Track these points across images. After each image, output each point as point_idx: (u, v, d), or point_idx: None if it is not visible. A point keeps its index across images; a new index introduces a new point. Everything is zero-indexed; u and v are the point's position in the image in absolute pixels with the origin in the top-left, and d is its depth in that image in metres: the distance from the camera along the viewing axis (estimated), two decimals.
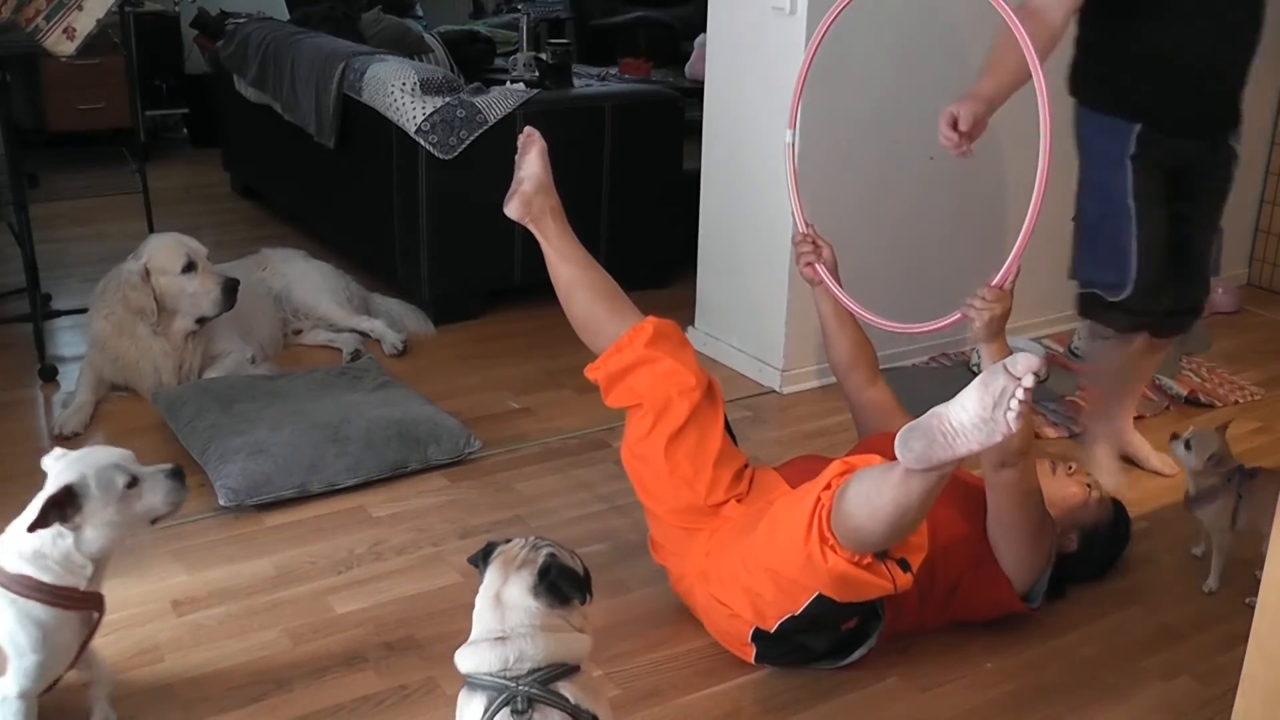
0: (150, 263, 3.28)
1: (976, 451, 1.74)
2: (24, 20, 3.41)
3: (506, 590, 1.67)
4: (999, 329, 2.19)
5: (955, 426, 1.73)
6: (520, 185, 2.44)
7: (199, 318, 3.35)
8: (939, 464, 1.77)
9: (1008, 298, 2.18)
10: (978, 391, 1.72)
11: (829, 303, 2.57)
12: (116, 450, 1.99)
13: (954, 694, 2.22)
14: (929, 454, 1.76)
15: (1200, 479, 2.58)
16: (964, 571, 2.30)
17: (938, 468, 1.78)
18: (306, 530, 2.71)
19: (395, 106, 3.80)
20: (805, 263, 2.53)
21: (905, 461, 1.78)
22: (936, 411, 1.77)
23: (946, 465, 1.78)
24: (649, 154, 4.22)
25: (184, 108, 6.53)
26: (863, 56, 3.33)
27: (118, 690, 2.10)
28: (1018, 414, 1.68)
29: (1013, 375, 1.69)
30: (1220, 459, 2.57)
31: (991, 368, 1.73)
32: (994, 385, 1.70)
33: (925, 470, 1.79)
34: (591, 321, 2.43)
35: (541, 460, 3.08)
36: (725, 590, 2.18)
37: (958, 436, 1.73)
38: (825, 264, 2.52)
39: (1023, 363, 1.69)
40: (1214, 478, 2.55)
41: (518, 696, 1.59)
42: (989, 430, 1.71)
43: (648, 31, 6.88)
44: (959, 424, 1.73)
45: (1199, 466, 2.56)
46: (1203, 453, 2.56)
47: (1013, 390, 1.68)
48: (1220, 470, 2.55)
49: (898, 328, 2.38)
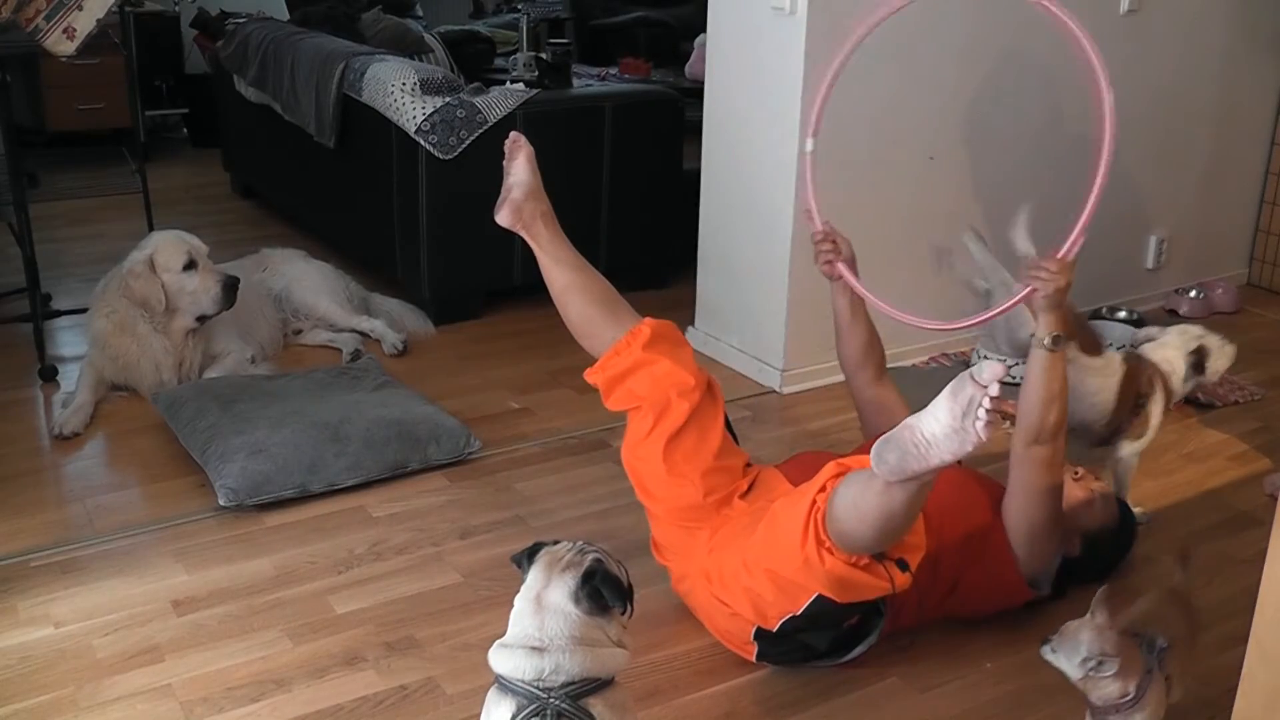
0: (154, 256, 3.30)
1: (950, 462, 1.75)
2: (24, 20, 3.41)
3: (548, 593, 1.65)
4: (1061, 300, 2.20)
5: (927, 437, 1.74)
6: (510, 192, 2.43)
7: (199, 315, 3.36)
8: (914, 475, 1.78)
9: (1070, 270, 2.19)
10: (947, 402, 1.73)
11: (845, 298, 2.57)
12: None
13: (954, 694, 2.22)
14: (903, 466, 1.77)
15: (1094, 687, 1.86)
16: (967, 567, 2.30)
17: (914, 478, 1.79)
18: (306, 530, 2.71)
19: (395, 106, 3.80)
20: (825, 260, 2.53)
21: (880, 474, 1.80)
22: (908, 423, 1.78)
23: (923, 475, 1.78)
24: (649, 154, 4.22)
25: (184, 108, 6.53)
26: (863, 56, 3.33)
27: (117, 690, 2.11)
28: (986, 422, 1.69)
29: (979, 384, 1.69)
30: (1102, 655, 1.82)
31: (959, 377, 1.74)
32: (962, 395, 1.71)
33: (902, 481, 1.79)
34: (588, 326, 2.42)
35: (541, 460, 3.08)
36: (727, 590, 2.18)
37: (930, 447, 1.74)
38: (845, 260, 2.52)
39: (988, 371, 1.69)
40: (1112, 684, 1.85)
41: (547, 709, 1.59)
42: (960, 440, 1.71)
43: (648, 31, 6.88)
44: (931, 435, 1.74)
45: (1078, 673, 1.86)
46: (1073, 656, 1.85)
47: (979, 399, 1.69)
48: (1104, 664, 1.83)
49: (924, 324, 2.38)
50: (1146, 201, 4.21)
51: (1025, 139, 3.75)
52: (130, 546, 2.63)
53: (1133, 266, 4.29)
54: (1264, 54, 4.32)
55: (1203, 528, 2.84)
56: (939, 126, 3.59)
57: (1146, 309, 4.19)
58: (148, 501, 2.84)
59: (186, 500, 2.83)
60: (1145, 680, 1.86)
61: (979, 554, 2.31)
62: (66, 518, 2.75)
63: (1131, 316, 4.03)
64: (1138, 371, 2.76)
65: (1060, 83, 3.65)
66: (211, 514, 2.76)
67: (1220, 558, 2.69)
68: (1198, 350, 2.81)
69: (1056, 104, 3.71)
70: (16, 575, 2.49)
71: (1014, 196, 3.76)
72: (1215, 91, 4.21)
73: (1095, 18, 3.74)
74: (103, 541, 2.64)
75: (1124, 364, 2.74)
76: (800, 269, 3.33)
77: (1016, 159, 3.76)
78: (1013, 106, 3.71)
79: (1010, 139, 3.74)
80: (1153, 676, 1.87)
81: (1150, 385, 2.77)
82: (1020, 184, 3.75)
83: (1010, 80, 3.65)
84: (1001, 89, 3.65)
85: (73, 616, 2.36)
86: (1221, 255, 4.51)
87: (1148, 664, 1.88)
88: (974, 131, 3.66)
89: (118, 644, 2.27)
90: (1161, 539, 2.77)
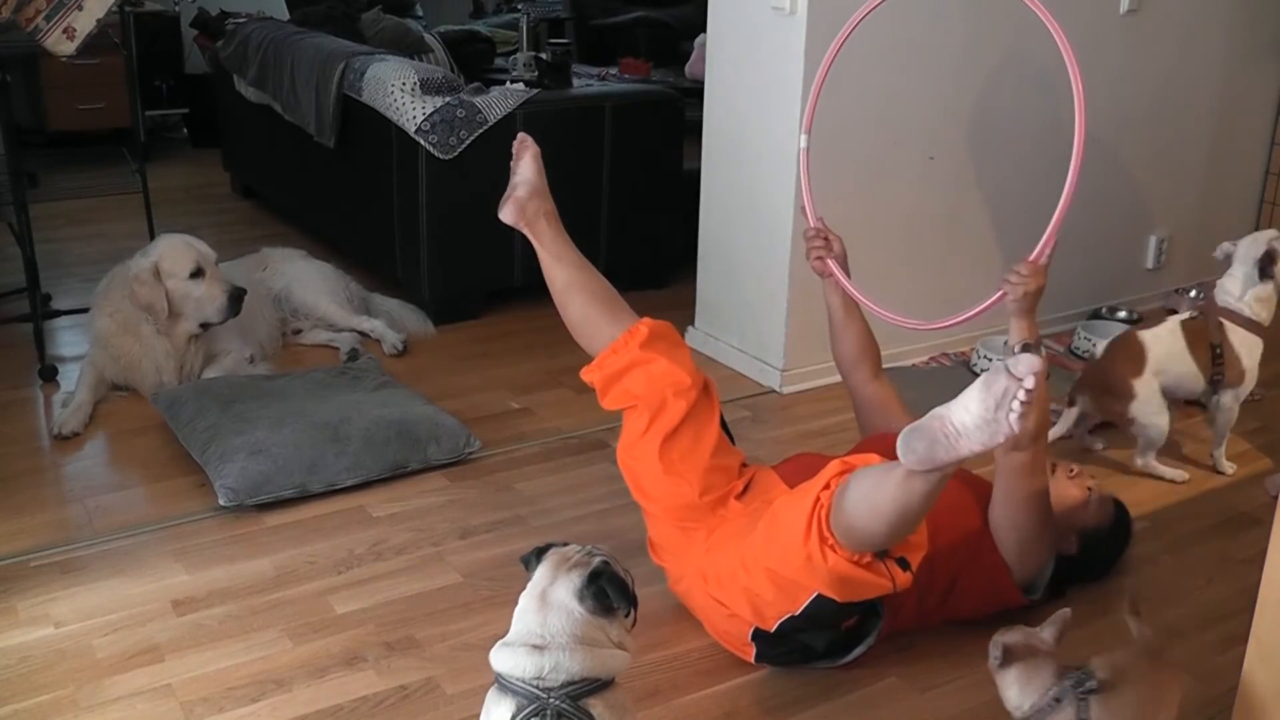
0: (160, 263, 3.30)
1: (979, 452, 1.74)
2: (24, 20, 3.41)
3: (553, 590, 1.66)
4: (1031, 306, 2.19)
5: (958, 427, 1.73)
6: (514, 190, 2.44)
7: (203, 323, 3.36)
8: (941, 465, 1.77)
9: (1042, 274, 2.18)
10: (980, 392, 1.72)
11: (838, 296, 2.57)
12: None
13: (954, 694, 2.22)
14: (932, 455, 1.76)
15: (1000, 682, 1.87)
16: (963, 568, 2.30)
17: (940, 468, 1.78)
18: (306, 530, 2.71)
19: (395, 106, 3.80)
20: (816, 256, 2.53)
21: (908, 463, 1.78)
22: (938, 413, 1.77)
23: (949, 466, 1.78)
24: (649, 154, 4.22)
25: (184, 108, 6.53)
26: (863, 56, 3.33)
27: (117, 690, 2.11)
28: (1020, 415, 1.68)
29: (1014, 376, 1.68)
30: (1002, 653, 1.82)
31: (993, 368, 1.73)
32: (996, 386, 1.70)
33: (928, 471, 1.79)
34: (587, 325, 2.43)
35: (541, 460, 3.08)
36: (724, 590, 2.18)
37: (960, 437, 1.73)
38: (836, 258, 2.52)
39: (1024, 364, 1.68)
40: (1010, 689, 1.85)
41: (547, 709, 1.59)
42: (992, 431, 1.71)
43: (648, 31, 6.88)
44: (961, 425, 1.73)
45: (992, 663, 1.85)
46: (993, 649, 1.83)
47: (1015, 391, 1.68)
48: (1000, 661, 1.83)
49: (907, 323, 2.38)
50: (1146, 201, 4.22)
51: (1025, 139, 3.75)
52: (130, 546, 2.63)
53: (1133, 266, 4.30)
54: (1264, 54, 4.32)
55: (1203, 528, 2.84)
56: (939, 126, 3.59)
57: (1146, 309, 4.19)
58: (148, 501, 2.84)
59: (186, 500, 2.83)
60: (1046, 709, 1.79)
61: (973, 558, 2.31)
62: (66, 518, 2.75)
63: (1131, 316, 4.03)
64: (1198, 325, 2.98)
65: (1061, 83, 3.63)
66: (211, 514, 2.76)
67: (1220, 558, 2.70)
68: (1268, 253, 2.94)
69: (1056, 104, 3.71)
70: (16, 575, 2.50)
71: (1014, 196, 3.77)
72: (1215, 91, 4.21)
73: (1095, 18, 3.77)
74: (103, 541, 2.64)
75: (1180, 326, 3.00)
76: (800, 269, 3.33)
77: (1016, 159, 3.76)
78: (1013, 107, 3.71)
79: (1010, 139, 3.74)
80: (1060, 708, 1.78)
81: (1218, 332, 2.96)
82: (1020, 184, 3.76)
83: (1010, 80, 3.65)
84: (1002, 89, 3.65)
85: (73, 616, 2.36)
86: None
87: (1058, 693, 1.79)
88: (974, 131, 3.66)
89: (118, 644, 2.27)
90: (1162, 539, 2.78)
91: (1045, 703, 1.79)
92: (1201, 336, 2.97)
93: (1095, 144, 3.89)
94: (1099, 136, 3.86)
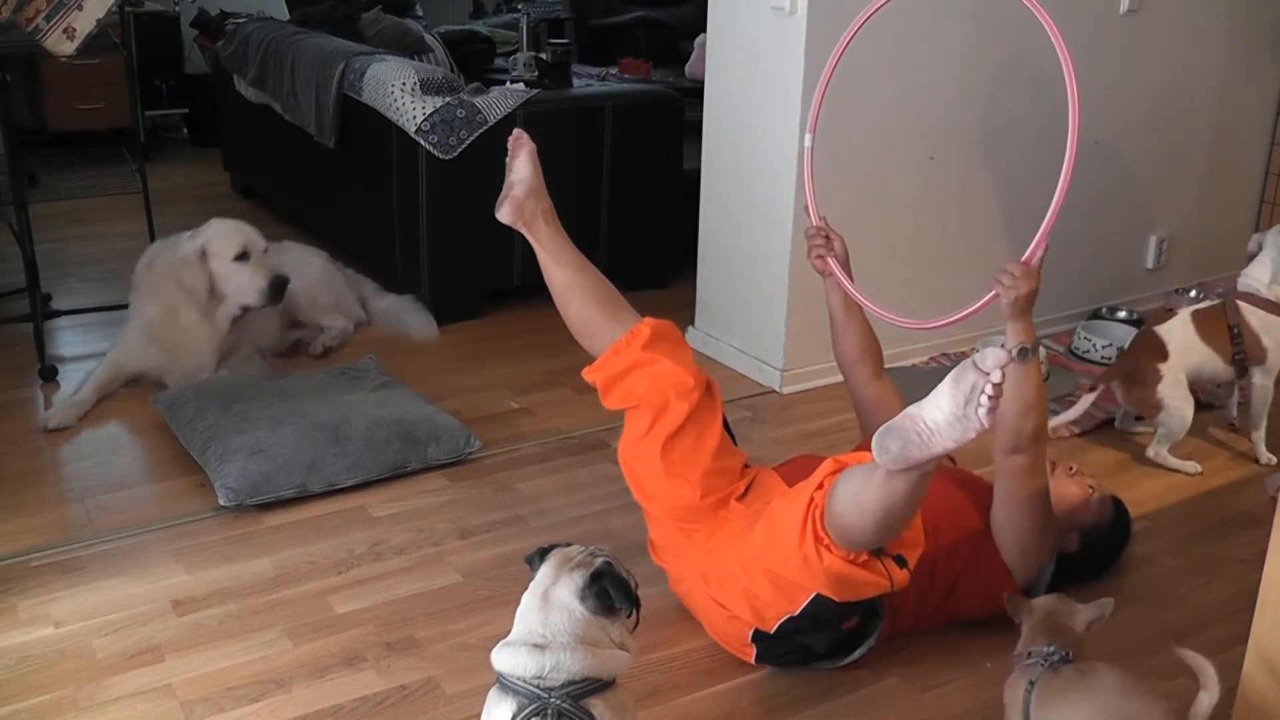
0: (207, 244, 3.34)
1: (952, 449, 1.74)
2: (24, 20, 3.41)
3: (555, 589, 1.66)
4: (1025, 307, 2.16)
5: (930, 425, 1.74)
6: (511, 190, 2.43)
7: (243, 305, 3.39)
8: (917, 463, 1.77)
9: (1034, 276, 2.15)
10: (949, 389, 1.72)
11: (839, 295, 2.57)
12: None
13: (954, 694, 2.22)
14: (905, 454, 1.76)
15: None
16: (964, 570, 2.30)
17: (917, 467, 1.79)
18: (306, 530, 2.71)
19: (395, 106, 3.80)
20: (817, 255, 2.53)
21: (883, 463, 1.79)
22: (910, 412, 1.77)
23: (925, 464, 1.78)
24: (649, 154, 4.22)
25: (184, 108, 6.53)
26: (863, 56, 3.33)
27: (117, 690, 2.11)
28: (989, 409, 1.69)
29: (981, 371, 1.69)
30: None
31: (962, 364, 1.73)
32: (964, 382, 1.70)
33: (904, 470, 1.79)
34: (588, 325, 2.42)
35: (541, 460, 3.08)
36: (724, 592, 2.18)
37: (933, 435, 1.73)
38: (836, 257, 2.52)
39: (991, 358, 1.68)
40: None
41: (548, 709, 1.59)
42: (963, 427, 1.71)
43: (648, 31, 6.89)
44: (933, 423, 1.73)
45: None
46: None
47: (983, 386, 1.68)
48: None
49: (905, 323, 2.38)
50: (1146, 201, 4.22)
51: (1027, 139, 3.75)
52: (130, 546, 2.63)
53: (1133, 266, 4.29)
54: (1264, 54, 4.32)
55: (1203, 528, 2.84)
56: (940, 127, 3.59)
57: (1146, 309, 4.19)
58: (148, 501, 2.84)
59: (186, 500, 2.83)
60: (1015, 660, 1.94)
61: (974, 560, 2.31)
62: (66, 518, 2.75)
63: (1131, 316, 4.03)
64: (1207, 313, 3.06)
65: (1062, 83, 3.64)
66: (211, 514, 2.76)
67: (1220, 558, 2.70)
68: None
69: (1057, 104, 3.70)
70: (16, 575, 2.50)
71: (1015, 196, 3.77)
72: (1215, 91, 4.21)
73: (1095, 18, 3.76)
74: (103, 541, 2.64)
75: (1190, 315, 3.08)
76: (800, 269, 3.33)
77: (1018, 159, 3.76)
78: (1014, 107, 3.71)
79: (1012, 139, 3.74)
80: (1020, 663, 1.92)
81: (1235, 313, 3.02)
82: (1021, 184, 3.75)
83: (1012, 81, 3.65)
84: (1004, 90, 3.65)
85: (73, 616, 2.36)
86: (1221, 255, 4.50)
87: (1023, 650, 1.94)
88: (975, 132, 3.66)
89: (118, 644, 2.27)
90: (1162, 539, 2.78)
91: (1017, 653, 1.96)
92: (1212, 322, 3.06)
93: (1095, 144, 3.91)
94: (1099, 136, 3.86)
